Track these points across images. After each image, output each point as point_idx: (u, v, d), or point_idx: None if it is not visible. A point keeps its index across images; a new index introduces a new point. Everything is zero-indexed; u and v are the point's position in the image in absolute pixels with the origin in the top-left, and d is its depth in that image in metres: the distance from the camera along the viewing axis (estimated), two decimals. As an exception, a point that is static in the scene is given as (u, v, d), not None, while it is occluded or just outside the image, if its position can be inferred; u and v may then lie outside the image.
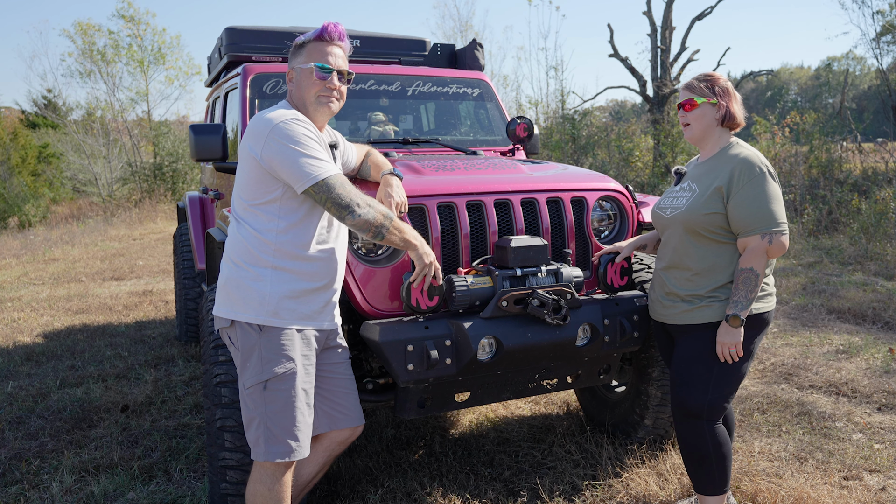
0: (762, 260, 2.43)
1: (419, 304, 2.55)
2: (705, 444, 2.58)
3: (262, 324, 2.19)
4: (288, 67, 2.36)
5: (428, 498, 2.99)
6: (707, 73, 2.61)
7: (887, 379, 4.37)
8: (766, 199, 2.44)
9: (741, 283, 2.45)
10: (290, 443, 2.21)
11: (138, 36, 21.62)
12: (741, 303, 2.45)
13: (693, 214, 2.54)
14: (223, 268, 2.30)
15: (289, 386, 2.20)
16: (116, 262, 10.59)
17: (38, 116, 25.18)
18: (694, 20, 15.94)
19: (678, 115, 2.67)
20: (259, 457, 2.22)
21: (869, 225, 9.04)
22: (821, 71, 46.11)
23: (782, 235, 2.44)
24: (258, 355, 2.19)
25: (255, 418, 2.20)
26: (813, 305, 6.26)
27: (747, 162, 2.48)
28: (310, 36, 2.32)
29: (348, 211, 2.14)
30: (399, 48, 4.49)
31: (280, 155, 2.12)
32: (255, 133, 2.18)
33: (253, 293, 2.19)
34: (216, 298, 2.32)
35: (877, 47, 14.57)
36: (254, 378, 2.19)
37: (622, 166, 13.85)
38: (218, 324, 2.30)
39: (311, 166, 2.12)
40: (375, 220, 2.18)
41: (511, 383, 2.89)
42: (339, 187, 2.14)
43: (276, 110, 2.24)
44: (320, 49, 2.31)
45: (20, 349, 5.62)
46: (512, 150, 4.03)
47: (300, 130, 2.16)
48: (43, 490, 3.20)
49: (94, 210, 19.92)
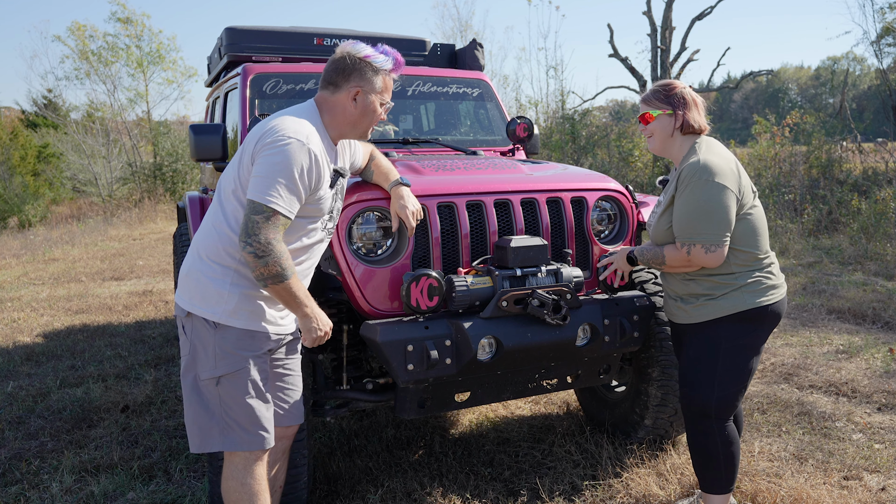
0: (679, 262, 2.52)
1: (419, 304, 2.55)
2: (714, 443, 2.58)
3: (218, 321, 2.16)
4: (354, 85, 2.24)
5: (428, 498, 2.99)
6: (665, 82, 2.62)
7: (887, 379, 4.37)
8: (692, 210, 2.43)
9: (653, 252, 2.61)
10: (247, 434, 2.20)
11: (135, 37, 21.64)
12: (643, 256, 2.65)
13: (657, 231, 2.62)
14: (189, 256, 2.26)
15: (241, 382, 2.19)
16: (116, 262, 10.59)
17: (38, 116, 25.17)
18: (694, 20, 15.93)
19: (640, 129, 2.69)
20: (211, 448, 2.21)
21: (869, 225, 9.04)
22: (821, 71, 46.12)
23: (704, 248, 2.42)
24: (212, 351, 2.17)
25: (210, 409, 2.19)
26: (813, 305, 6.26)
27: (690, 169, 2.45)
28: (386, 64, 2.28)
29: (246, 242, 2.03)
30: (399, 48, 4.44)
31: (264, 167, 2.06)
32: (263, 138, 2.12)
33: (212, 290, 2.16)
34: (178, 285, 2.28)
35: (877, 48, 14.57)
36: (207, 372, 2.18)
37: (622, 166, 13.85)
38: (176, 311, 2.28)
39: (275, 192, 2.04)
40: (263, 271, 2.05)
41: (511, 383, 2.89)
42: (270, 224, 2.04)
43: (301, 122, 2.16)
44: (391, 84, 2.31)
45: (20, 349, 5.62)
46: (512, 150, 4.03)
47: (300, 162, 2.08)
48: (43, 490, 3.20)
49: (94, 210, 19.91)
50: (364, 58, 2.25)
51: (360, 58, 2.25)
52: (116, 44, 21.63)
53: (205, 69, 13.74)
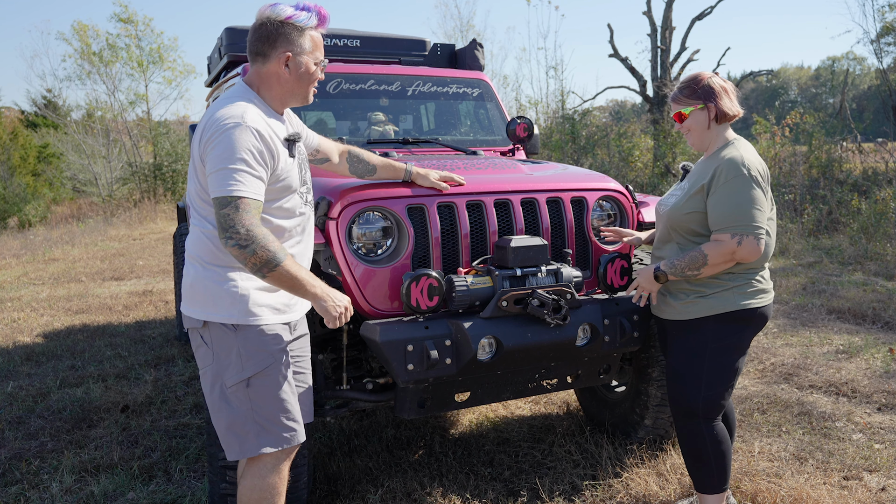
0: (722, 254, 2.43)
1: (419, 303, 2.55)
2: (703, 443, 2.58)
3: (237, 323, 2.12)
4: (282, 51, 2.13)
5: (428, 498, 2.99)
6: (690, 76, 2.60)
7: (887, 379, 4.37)
8: (742, 200, 2.42)
9: (689, 256, 2.47)
10: (283, 430, 2.18)
11: (135, 37, 21.65)
12: (676, 268, 2.50)
13: (675, 212, 2.57)
14: (189, 268, 2.20)
15: (272, 379, 2.17)
16: (116, 262, 10.59)
17: (38, 116, 25.17)
18: (694, 20, 15.95)
19: (676, 127, 2.68)
20: (251, 451, 2.16)
21: (869, 225, 9.04)
22: (821, 71, 46.10)
23: (756, 239, 2.41)
24: (237, 353, 2.13)
25: (242, 415, 2.15)
26: (813, 305, 6.26)
27: (733, 162, 2.46)
28: (310, 21, 2.16)
29: (227, 237, 1.97)
30: (399, 48, 4.49)
31: (214, 161, 2.01)
32: (203, 135, 2.06)
33: (223, 293, 2.12)
34: (183, 297, 2.22)
35: (877, 47, 14.57)
36: (236, 376, 2.14)
37: (622, 166, 13.85)
38: (189, 323, 2.21)
39: (232, 181, 1.98)
40: (254, 260, 1.98)
41: (511, 383, 2.89)
42: (241, 212, 1.97)
43: (231, 106, 2.08)
44: (321, 40, 2.19)
45: (20, 349, 5.62)
46: (512, 150, 4.03)
47: (245, 144, 2.01)
48: (43, 490, 3.20)
49: (94, 210, 19.91)
50: (286, 20, 2.13)
51: (282, 20, 2.13)
52: (117, 44, 21.66)
53: (204, 68, 13.69)
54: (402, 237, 2.71)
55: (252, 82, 2.20)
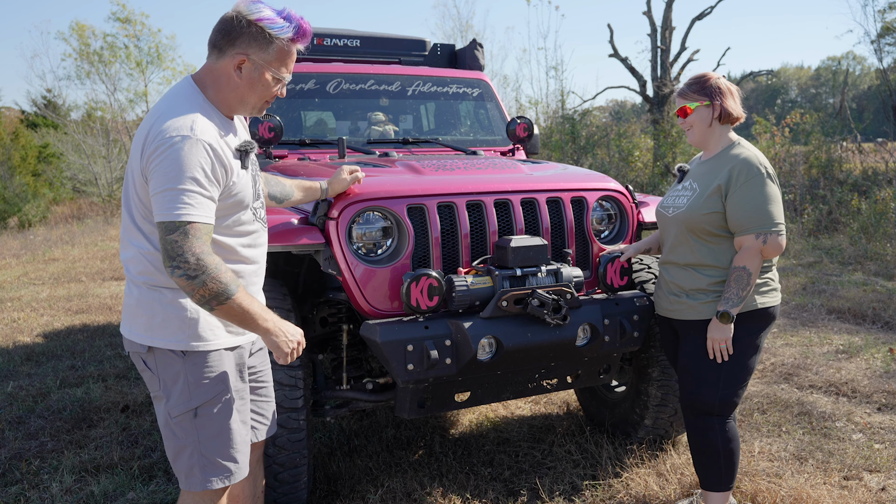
0: (756, 259, 2.46)
1: (419, 303, 2.55)
2: (716, 441, 2.59)
3: (186, 349, 1.92)
4: (239, 52, 1.88)
5: (428, 498, 2.99)
6: (699, 74, 2.63)
7: (887, 379, 4.37)
8: (763, 199, 2.46)
9: (733, 280, 2.47)
10: (229, 465, 2.00)
11: (133, 37, 21.67)
12: (732, 300, 2.47)
13: (693, 214, 2.56)
14: (131, 287, 1.97)
15: (221, 408, 1.98)
16: (116, 262, 10.59)
17: (38, 116, 25.18)
18: (694, 20, 15.94)
19: (679, 122, 2.70)
20: (195, 486, 1.98)
21: (869, 225, 9.04)
22: (821, 71, 46.11)
23: (778, 236, 2.45)
24: (184, 382, 1.93)
25: (187, 447, 1.97)
26: (813, 305, 6.26)
27: (747, 162, 2.49)
28: (285, 32, 1.90)
29: (174, 266, 1.77)
30: (399, 48, 4.49)
31: (159, 180, 1.78)
32: (146, 147, 1.82)
33: (171, 317, 1.91)
34: (124, 319, 2.00)
35: (878, 47, 14.57)
36: (181, 406, 1.94)
37: (622, 166, 13.85)
38: (130, 347, 1.99)
39: (180, 203, 1.77)
40: (202, 293, 1.78)
41: (511, 383, 2.89)
42: (191, 238, 1.76)
43: (177, 115, 1.84)
44: (291, 56, 1.95)
45: (20, 349, 5.62)
46: (512, 150, 4.03)
47: (196, 160, 1.79)
48: (43, 490, 3.20)
49: (94, 210, 19.93)
50: (256, 20, 1.87)
51: (251, 20, 1.87)
52: (115, 43, 21.68)
53: (205, 69, 13.60)
54: (402, 237, 2.71)
55: (200, 80, 1.96)
